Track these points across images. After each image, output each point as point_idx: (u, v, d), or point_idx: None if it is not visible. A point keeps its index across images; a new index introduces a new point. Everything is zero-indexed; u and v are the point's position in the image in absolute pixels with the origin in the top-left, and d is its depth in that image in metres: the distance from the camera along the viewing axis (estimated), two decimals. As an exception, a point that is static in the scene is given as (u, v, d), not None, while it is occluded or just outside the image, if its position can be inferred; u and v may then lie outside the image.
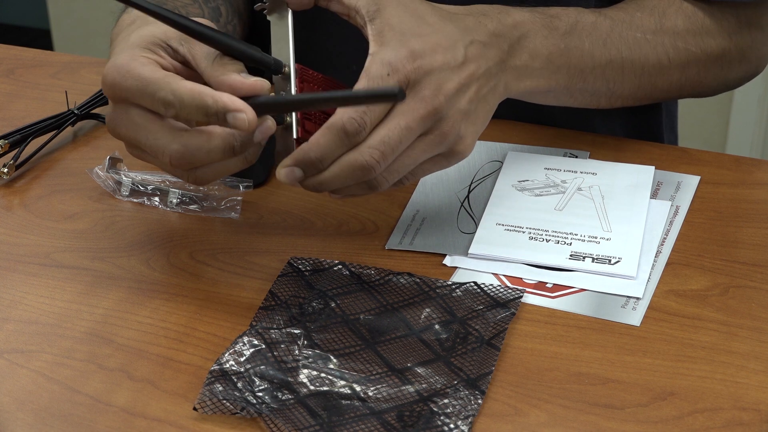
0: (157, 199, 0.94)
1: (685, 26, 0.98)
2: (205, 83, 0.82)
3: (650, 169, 0.96)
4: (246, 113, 0.79)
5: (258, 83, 0.81)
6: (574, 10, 0.95)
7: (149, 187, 0.94)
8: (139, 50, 0.83)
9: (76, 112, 1.03)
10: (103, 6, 2.70)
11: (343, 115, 0.79)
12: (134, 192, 0.94)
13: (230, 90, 0.80)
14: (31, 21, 3.11)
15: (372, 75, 0.81)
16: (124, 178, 0.94)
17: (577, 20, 0.94)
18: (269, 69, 0.83)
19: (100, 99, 1.05)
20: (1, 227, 0.92)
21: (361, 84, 0.81)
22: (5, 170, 0.96)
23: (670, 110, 1.19)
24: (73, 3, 2.72)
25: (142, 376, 0.77)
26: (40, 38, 2.96)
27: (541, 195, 0.93)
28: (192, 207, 0.93)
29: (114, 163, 0.95)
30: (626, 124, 1.12)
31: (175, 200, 0.93)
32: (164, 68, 0.82)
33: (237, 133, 0.80)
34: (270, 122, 0.81)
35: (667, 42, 0.97)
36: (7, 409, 0.75)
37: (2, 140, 0.98)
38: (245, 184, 0.94)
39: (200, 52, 0.84)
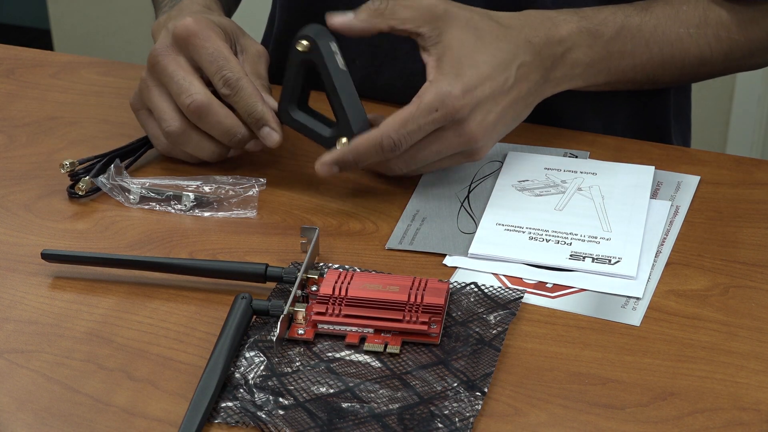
0: (173, 202, 0.93)
1: (729, 17, 1.01)
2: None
3: (650, 169, 0.96)
4: (278, 135, 0.92)
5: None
6: (622, 13, 0.99)
7: (163, 193, 0.93)
8: (209, 20, 0.93)
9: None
10: (103, 6, 2.70)
11: (384, 132, 0.88)
12: (144, 199, 0.94)
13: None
14: (31, 21, 3.11)
15: (423, 105, 0.87)
16: (132, 186, 0.93)
17: (623, 25, 0.99)
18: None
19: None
20: (1, 227, 0.92)
21: (413, 107, 0.88)
22: (81, 186, 0.94)
23: (679, 98, 1.18)
24: (73, 3, 2.72)
25: (142, 376, 0.77)
26: (40, 38, 2.96)
27: (541, 195, 0.93)
28: (206, 210, 0.93)
29: (119, 171, 0.94)
30: (629, 115, 1.12)
31: (188, 204, 0.93)
32: None
33: (246, 131, 0.93)
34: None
35: (710, 33, 1.01)
36: (7, 409, 0.74)
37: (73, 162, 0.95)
38: (260, 182, 0.94)
39: (252, 51, 0.96)
